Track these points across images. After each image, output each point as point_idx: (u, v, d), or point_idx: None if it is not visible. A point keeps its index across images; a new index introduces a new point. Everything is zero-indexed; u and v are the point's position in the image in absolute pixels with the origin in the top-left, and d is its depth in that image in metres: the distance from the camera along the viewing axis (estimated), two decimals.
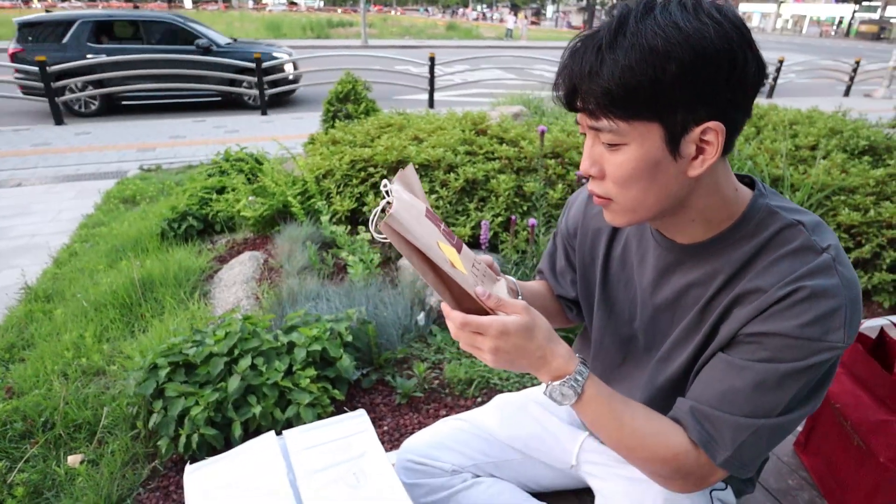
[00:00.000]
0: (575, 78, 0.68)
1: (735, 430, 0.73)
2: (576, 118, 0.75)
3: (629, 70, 0.63)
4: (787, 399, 0.72)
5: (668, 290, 0.85)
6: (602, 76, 0.65)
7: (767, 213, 0.76)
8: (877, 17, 44.01)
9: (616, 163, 0.71)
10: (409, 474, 1.10)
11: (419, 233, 0.71)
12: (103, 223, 4.08)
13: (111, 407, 1.97)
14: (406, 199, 0.75)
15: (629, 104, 0.66)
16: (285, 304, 2.48)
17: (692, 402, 0.77)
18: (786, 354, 0.70)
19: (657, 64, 0.63)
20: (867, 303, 2.87)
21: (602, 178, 0.74)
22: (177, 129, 7.50)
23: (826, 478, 1.27)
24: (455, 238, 0.81)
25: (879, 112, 9.81)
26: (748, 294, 0.74)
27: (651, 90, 0.64)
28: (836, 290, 0.69)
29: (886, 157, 3.88)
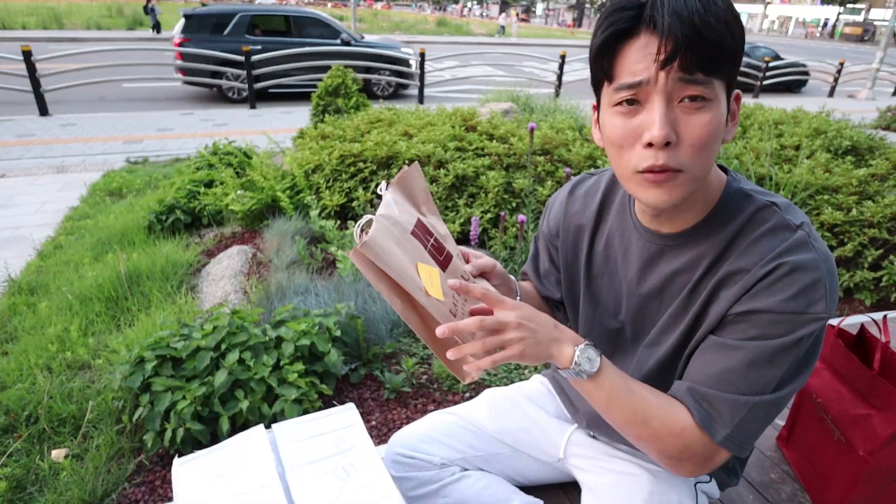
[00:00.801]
0: (685, 29, 0.65)
1: (733, 408, 0.75)
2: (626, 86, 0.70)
3: (729, 27, 0.67)
4: (780, 375, 0.74)
5: (655, 280, 0.87)
6: (712, 28, 0.65)
7: (743, 196, 0.80)
8: (861, 19, 44.61)
9: (701, 123, 0.69)
10: (398, 467, 1.10)
11: (395, 259, 0.69)
12: (89, 216, 4.03)
13: (96, 401, 1.95)
14: (393, 216, 0.73)
15: (725, 59, 0.68)
16: (274, 298, 2.47)
17: (689, 382, 0.79)
18: (774, 330, 0.72)
19: (738, 24, 0.68)
20: (849, 300, 2.92)
21: (677, 145, 0.70)
22: (164, 121, 7.42)
23: (807, 471, 1.30)
24: (446, 250, 0.80)
25: (862, 113, 9.97)
26: (733, 275, 0.76)
27: (736, 46, 0.69)
28: (814, 263, 0.72)
29: (869, 158, 3.95)
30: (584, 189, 1.01)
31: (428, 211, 0.85)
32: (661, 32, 0.66)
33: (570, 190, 1.03)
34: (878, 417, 1.08)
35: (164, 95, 9.26)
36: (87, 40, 16.46)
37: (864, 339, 1.23)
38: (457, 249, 0.87)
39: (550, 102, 6.18)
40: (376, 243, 0.68)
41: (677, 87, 0.68)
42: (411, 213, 0.78)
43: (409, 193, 0.82)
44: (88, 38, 16.78)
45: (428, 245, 0.77)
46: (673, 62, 0.66)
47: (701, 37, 0.65)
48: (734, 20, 0.68)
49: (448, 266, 0.79)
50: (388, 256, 0.68)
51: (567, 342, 0.76)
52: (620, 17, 0.69)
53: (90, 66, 7.83)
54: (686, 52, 0.66)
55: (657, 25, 0.66)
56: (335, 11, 36.98)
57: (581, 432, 1.12)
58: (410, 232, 0.75)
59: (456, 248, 0.87)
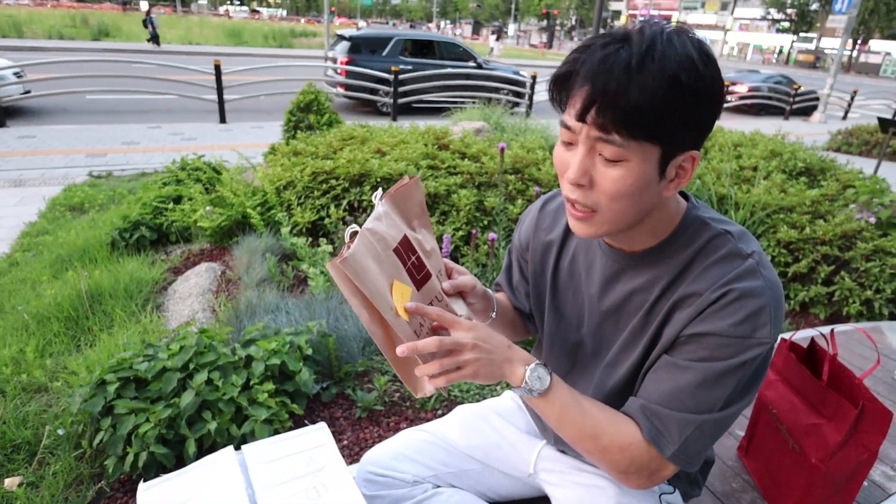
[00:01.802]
0: (598, 92, 0.68)
1: (681, 426, 0.79)
2: (565, 125, 0.75)
3: (654, 95, 0.67)
4: (725, 395, 0.78)
5: (614, 297, 0.91)
6: (629, 95, 0.67)
7: (700, 223, 0.84)
8: (812, 47, 46.98)
9: (613, 177, 0.73)
10: (370, 486, 1.10)
11: (371, 277, 0.71)
12: (48, 231, 3.90)
13: (54, 425, 1.88)
14: (379, 231, 0.75)
15: (645, 125, 0.69)
16: (243, 316, 2.43)
17: (642, 400, 0.83)
18: (721, 353, 0.77)
19: (677, 93, 0.67)
20: (805, 314, 3.04)
21: (590, 189, 0.75)
22: (130, 134, 7.27)
23: (766, 479, 1.35)
24: (425, 269, 0.82)
25: (815, 136, 10.45)
26: (686, 298, 0.81)
27: (665, 116, 0.68)
28: (761, 290, 0.76)
29: (821, 179, 4.15)
30: (554, 205, 1.05)
31: (420, 225, 0.87)
32: (579, 87, 0.70)
33: (541, 206, 1.07)
34: (827, 426, 1.13)
35: (131, 108, 9.08)
36: (48, 50, 16.06)
37: (815, 351, 1.29)
38: (441, 264, 0.89)
39: (521, 122, 6.30)
40: (356, 260, 0.70)
41: (596, 142, 0.72)
42: (399, 229, 0.80)
43: (402, 207, 0.84)
44: (50, 48, 16.38)
45: (408, 263, 0.79)
46: (585, 118, 0.71)
47: (613, 103, 0.67)
48: (675, 92, 0.67)
49: (424, 285, 0.81)
50: (364, 274, 0.71)
51: (519, 362, 0.80)
52: (573, 60, 0.72)
53: (52, 76, 7.64)
54: (598, 113, 0.69)
55: (576, 80, 0.71)
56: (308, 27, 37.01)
57: (550, 447, 1.14)
58: (393, 249, 0.77)
59: (440, 263, 0.89)
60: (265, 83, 9.38)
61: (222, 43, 21.52)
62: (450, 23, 76.92)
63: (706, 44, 0.72)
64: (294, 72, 11.05)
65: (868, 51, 43.43)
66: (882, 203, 3.39)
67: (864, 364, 2.01)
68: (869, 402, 1.08)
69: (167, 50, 17.94)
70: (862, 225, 3.17)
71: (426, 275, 0.82)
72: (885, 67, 40.66)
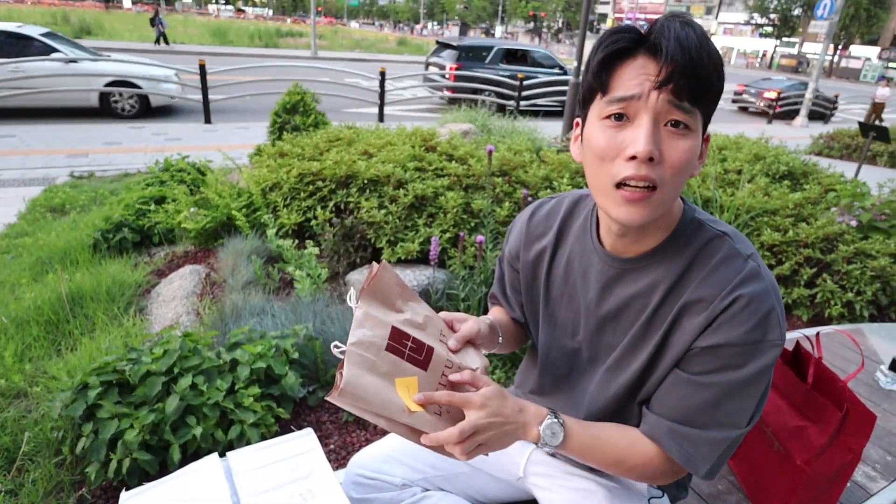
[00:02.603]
0: (684, 57, 0.71)
1: (712, 446, 0.82)
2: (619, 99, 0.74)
3: (717, 68, 0.74)
4: (752, 407, 0.81)
5: (613, 302, 0.91)
6: (704, 63, 0.72)
7: (697, 225, 0.85)
8: (795, 52, 47.81)
9: (682, 148, 0.75)
10: (359, 489, 1.09)
11: (373, 393, 0.72)
12: (27, 233, 3.83)
13: (33, 432, 1.84)
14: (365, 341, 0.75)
15: (710, 94, 0.75)
16: (228, 320, 2.40)
17: (667, 422, 0.84)
18: (737, 361, 0.78)
19: (722, 68, 0.75)
20: (788, 316, 3.09)
21: (659, 163, 0.74)
22: (112, 134, 7.16)
23: (751, 481, 1.36)
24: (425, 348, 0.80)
25: (798, 139, 10.61)
26: (694, 304, 0.81)
27: (719, 88, 0.76)
28: (766, 293, 0.78)
29: (803, 182, 4.21)
30: (544, 211, 1.05)
31: (404, 303, 0.85)
32: (663, 55, 0.72)
33: (531, 213, 1.06)
34: (812, 429, 1.15)
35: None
36: None
37: (800, 354, 1.31)
38: (440, 324, 0.87)
39: (509, 124, 6.32)
40: (352, 385, 0.71)
41: (665, 110, 0.73)
42: (385, 324, 0.78)
43: (382, 297, 0.82)
44: None
45: (406, 352, 0.78)
46: (668, 84, 0.72)
47: (695, 68, 0.72)
48: (721, 65, 0.75)
49: (430, 363, 0.80)
50: (365, 393, 0.72)
51: (532, 424, 0.81)
52: (622, 38, 0.75)
53: (32, 75, 7.50)
54: (681, 78, 0.72)
55: (659, 48, 0.72)
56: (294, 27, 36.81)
57: (540, 451, 1.14)
58: (385, 349, 0.76)
59: (439, 325, 0.87)
60: (251, 83, 9.30)
61: (207, 42, 21.31)
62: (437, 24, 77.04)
63: None
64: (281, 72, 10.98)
65: (849, 56, 44.29)
66: (863, 206, 3.46)
67: (846, 366, 2.04)
68: (853, 406, 1.10)
69: (151, 49, 17.72)
70: (843, 228, 3.23)
71: (428, 352, 0.81)
72: (864, 72, 41.48)
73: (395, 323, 0.79)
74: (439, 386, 0.80)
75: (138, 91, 8.19)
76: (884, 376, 1.93)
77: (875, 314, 2.99)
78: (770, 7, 44.81)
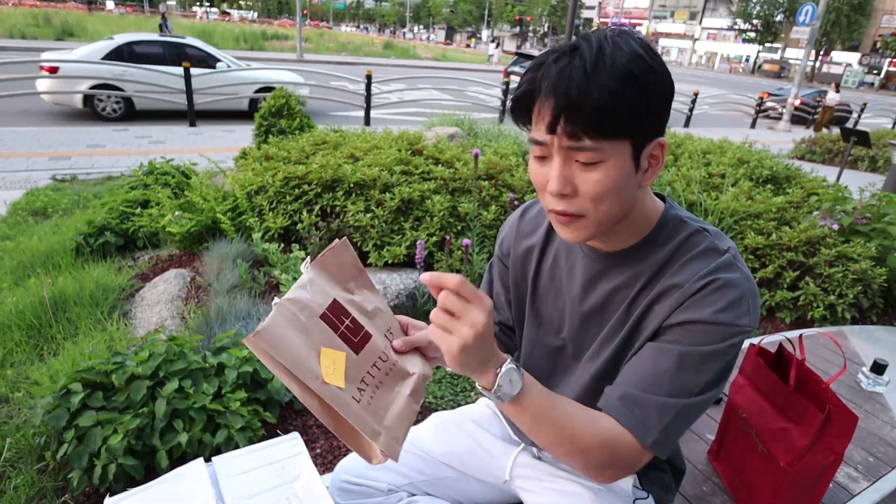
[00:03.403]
0: (562, 102, 0.71)
1: (661, 412, 0.79)
2: (535, 141, 0.77)
3: (615, 93, 0.70)
4: (705, 380, 0.80)
5: (596, 297, 0.92)
6: (592, 97, 0.70)
7: (678, 221, 0.87)
8: (778, 57, 48.61)
9: (594, 180, 0.75)
10: (345, 495, 1.09)
11: (291, 347, 0.70)
12: (9, 237, 3.76)
13: (15, 438, 1.81)
14: (301, 300, 0.73)
15: (611, 123, 0.72)
16: (214, 324, 2.38)
17: (622, 388, 0.83)
18: (705, 338, 0.79)
19: (633, 87, 0.71)
20: (771, 319, 3.13)
21: (574, 197, 0.77)
22: (95, 137, 7.07)
23: (735, 483, 1.37)
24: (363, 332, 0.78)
25: (780, 144, 10.78)
26: (667, 290, 0.83)
27: (628, 110, 0.72)
28: (740, 282, 0.79)
29: (786, 186, 4.28)
30: (534, 211, 1.07)
31: (357, 286, 0.84)
32: (543, 102, 0.73)
33: (521, 213, 1.09)
34: (795, 430, 1.16)
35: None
36: (9, 49, 15.55)
37: (783, 356, 1.33)
38: (392, 322, 0.85)
39: (494, 128, 6.34)
40: (270, 333, 0.69)
41: (570, 150, 0.75)
42: (327, 295, 0.77)
43: (333, 271, 0.81)
44: (11, 48, 15.86)
45: (341, 328, 0.76)
46: (555, 129, 0.73)
47: (579, 108, 0.70)
48: (632, 85, 0.70)
49: (363, 348, 0.78)
50: (282, 344, 0.69)
51: (491, 366, 0.73)
52: (530, 79, 0.75)
53: (13, 76, 7.39)
54: (566, 122, 0.72)
55: (538, 96, 0.74)
56: (280, 30, 36.64)
57: (526, 454, 1.15)
58: (320, 315, 0.75)
59: (391, 322, 0.85)
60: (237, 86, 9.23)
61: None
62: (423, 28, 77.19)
63: (646, 40, 0.76)
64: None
65: (830, 62, 45.12)
66: (844, 210, 3.52)
67: (828, 368, 2.07)
68: (835, 407, 1.11)
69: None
70: (825, 231, 3.28)
71: (364, 336, 0.79)
72: (846, 78, 42.29)
73: (339, 298, 0.78)
74: (366, 375, 0.76)
75: None
76: (866, 378, 1.96)
77: (857, 316, 3.04)
78: (753, 13, 45.54)
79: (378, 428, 0.74)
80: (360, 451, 0.78)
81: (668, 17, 60.64)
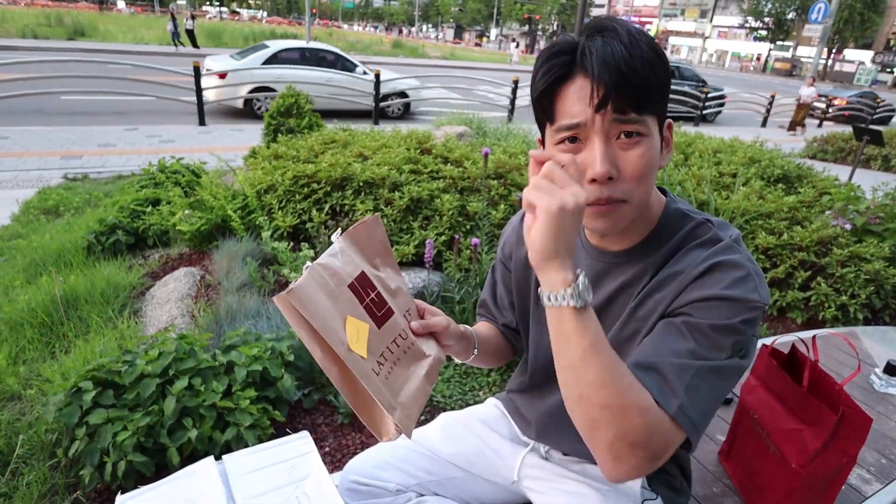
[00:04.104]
0: (613, 77, 0.71)
1: (679, 371, 0.72)
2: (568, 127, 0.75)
3: (653, 66, 0.73)
4: (726, 346, 0.74)
5: (602, 296, 0.92)
6: (638, 71, 0.72)
7: (681, 215, 0.87)
8: (789, 55, 48.12)
9: (636, 155, 0.76)
10: (353, 495, 1.09)
11: (321, 310, 0.70)
12: (21, 235, 3.80)
13: (27, 435, 1.83)
14: (331, 267, 0.74)
15: (653, 96, 0.74)
16: (223, 322, 2.40)
17: (634, 359, 0.77)
18: (715, 313, 0.74)
19: (660, 63, 0.74)
20: (782, 319, 3.10)
21: (618, 179, 0.76)
22: (106, 136, 7.14)
23: (746, 484, 1.36)
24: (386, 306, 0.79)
25: (792, 143, 10.67)
26: (668, 278, 0.82)
27: (662, 84, 0.75)
28: (742, 261, 0.78)
29: (798, 185, 4.24)
30: None
31: (383, 264, 0.85)
32: (592, 79, 0.73)
33: (522, 215, 1.08)
34: (807, 432, 1.15)
35: (107, 109, 8.92)
36: (22, 49, 15.71)
37: (796, 357, 1.31)
38: (410, 304, 0.87)
39: (503, 126, 6.33)
40: (303, 292, 0.69)
41: (613, 127, 0.75)
42: (356, 265, 0.78)
43: (362, 245, 0.82)
44: (24, 47, 16.03)
45: (366, 299, 0.77)
46: (606, 106, 0.73)
47: (628, 81, 0.72)
48: (658, 59, 0.74)
49: (385, 323, 0.79)
50: (313, 306, 0.69)
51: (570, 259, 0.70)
52: (557, 63, 0.75)
53: (26, 76, 7.47)
54: (617, 96, 0.72)
55: (588, 73, 0.73)
56: (290, 29, 36.77)
57: (534, 454, 1.14)
58: (348, 285, 0.75)
59: (409, 304, 0.86)
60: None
61: (202, 44, 21.25)
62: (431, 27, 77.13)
63: None
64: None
65: (843, 60, 44.61)
66: (857, 210, 3.48)
67: (840, 369, 2.05)
68: (848, 409, 1.10)
69: (143, 51, 17.69)
70: (837, 231, 3.25)
71: (387, 312, 0.80)
72: (858, 76, 41.79)
73: (367, 271, 0.79)
74: (386, 350, 0.77)
75: (405, 100, 10.31)
76: (878, 379, 1.94)
77: (869, 317, 3.00)
78: (764, 11, 45.12)
79: (394, 403, 0.75)
80: (371, 425, 0.78)
81: (678, 15, 60.19)
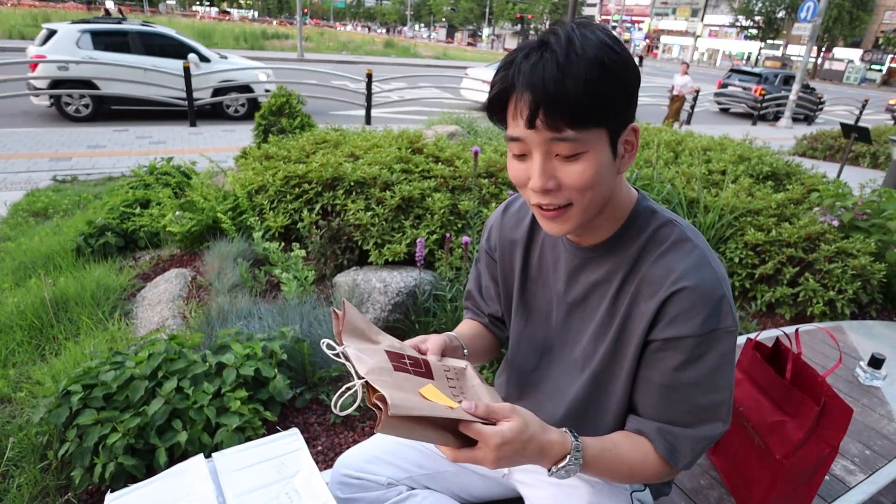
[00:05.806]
0: (539, 96, 0.71)
1: (694, 442, 0.85)
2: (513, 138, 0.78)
3: (589, 82, 0.71)
4: (726, 397, 0.84)
5: (578, 289, 0.95)
6: (568, 89, 0.70)
7: (650, 212, 0.89)
8: (779, 54, 48.49)
9: (578, 170, 0.76)
10: (345, 489, 1.10)
11: (414, 401, 0.68)
12: (10, 238, 3.78)
13: (17, 437, 1.82)
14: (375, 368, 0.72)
15: (590, 113, 0.73)
16: (215, 323, 2.39)
17: (657, 423, 0.87)
18: (697, 352, 0.81)
19: (606, 76, 0.72)
20: (771, 315, 3.13)
21: (559, 190, 0.78)
22: (95, 138, 7.09)
23: (732, 476, 1.38)
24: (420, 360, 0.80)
25: (781, 140, 10.75)
26: (645, 287, 0.85)
27: (603, 98, 0.73)
28: (717, 283, 0.81)
29: (786, 183, 4.28)
30: (516, 206, 1.09)
31: (377, 335, 0.85)
32: (518, 99, 0.74)
33: (503, 209, 1.11)
34: (791, 423, 1.17)
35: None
36: (8, 50, 15.57)
37: (779, 351, 1.33)
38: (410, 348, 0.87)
39: (494, 126, 6.34)
40: (395, 400, 0.66)
41: (551, 143, 0.75)
42: (378, 351, 0.78)
43: (358, 333, 0.82)
44: (10, 48, 15.88)
45: (408, 368, 0.78)
46: (534, 124, 0.73)
47: (558, 100, 0.71)
48: (602, 74, 0.71)
49: (432, 372, 0.80)
50: (410, 403, 0.67)
51: (547, 461, 0.77)
52: (500, 78, 0.77)
53: (12, 77, 7.40)
54: (546, 115, 0.72)
55: (514, 93, 0.74)
56: (280, 29, 36.64)
57: None
58: (393, 369, 0.75)
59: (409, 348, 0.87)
60: None
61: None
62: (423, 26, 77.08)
63: (609, 29, 0.77)
64: None
65: (832, 58, 45.00)
66: (844, 206, 3.51)
67: (826, 362, 2.08)
68: (830, 399, 1.12)
69: None
70: (825, 227, 3.28)
71: (425, 363, 0.82)
72: (847, 74, 42.16)
73: (386, 348, 0.80)
74: (450, 390, 0.79)
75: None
76: (863, 372, 1.97)
77: (856, 312, 3.04)
78: (755, 9, 45.42)
79: None
80: None
81: (669, 14, 60.50)
